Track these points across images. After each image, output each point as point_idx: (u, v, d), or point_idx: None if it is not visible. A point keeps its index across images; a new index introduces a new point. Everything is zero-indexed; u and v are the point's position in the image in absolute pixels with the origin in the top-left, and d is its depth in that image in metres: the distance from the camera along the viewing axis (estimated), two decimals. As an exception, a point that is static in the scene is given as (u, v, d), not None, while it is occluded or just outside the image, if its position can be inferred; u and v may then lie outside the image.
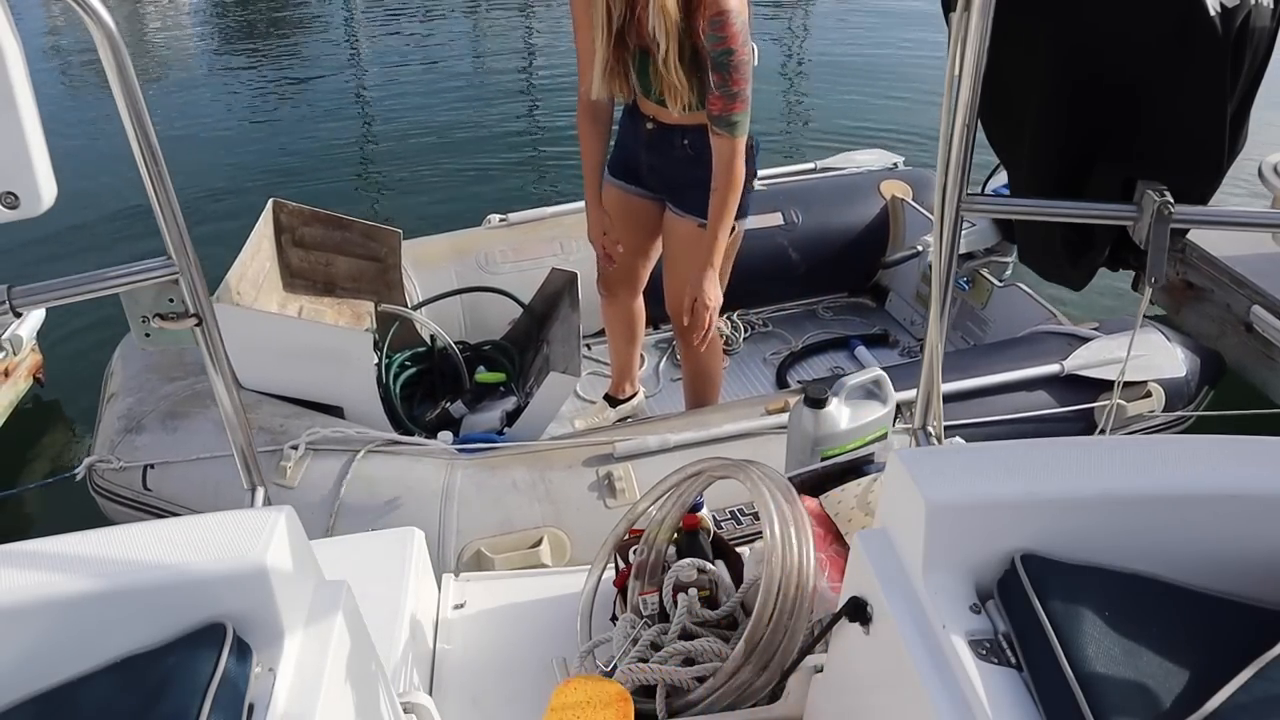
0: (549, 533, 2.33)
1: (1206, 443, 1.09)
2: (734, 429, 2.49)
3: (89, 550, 1.02)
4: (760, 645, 1.43)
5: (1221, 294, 3.23)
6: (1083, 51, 1.26)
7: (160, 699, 0.90)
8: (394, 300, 3.06)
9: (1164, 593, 0.97)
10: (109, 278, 1.18)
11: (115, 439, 2.48)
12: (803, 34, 9.05)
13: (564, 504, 2.36)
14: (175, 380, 2.61)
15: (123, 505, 2.47)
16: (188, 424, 2.47)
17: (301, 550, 1.10)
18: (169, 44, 9.09)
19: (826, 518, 1.65)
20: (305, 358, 2.55)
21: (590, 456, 2.44)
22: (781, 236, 3.52)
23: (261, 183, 5.57)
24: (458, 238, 3.41)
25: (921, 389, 1.47)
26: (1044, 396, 2.67)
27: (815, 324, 3.72)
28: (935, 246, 1.32)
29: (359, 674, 1.13)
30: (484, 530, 2.31)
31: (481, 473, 2.38)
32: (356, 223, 3.03)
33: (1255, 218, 1.51)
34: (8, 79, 0.94)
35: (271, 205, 2.91)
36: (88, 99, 7.22)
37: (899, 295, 3.74)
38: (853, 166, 3.89)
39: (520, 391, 2.94)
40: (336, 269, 3.06)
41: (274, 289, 2.91)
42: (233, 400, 1.35)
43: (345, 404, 2.63)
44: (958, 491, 1.02)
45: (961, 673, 0.93)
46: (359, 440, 2.42)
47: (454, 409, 2.86)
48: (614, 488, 2.37)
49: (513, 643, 1.79)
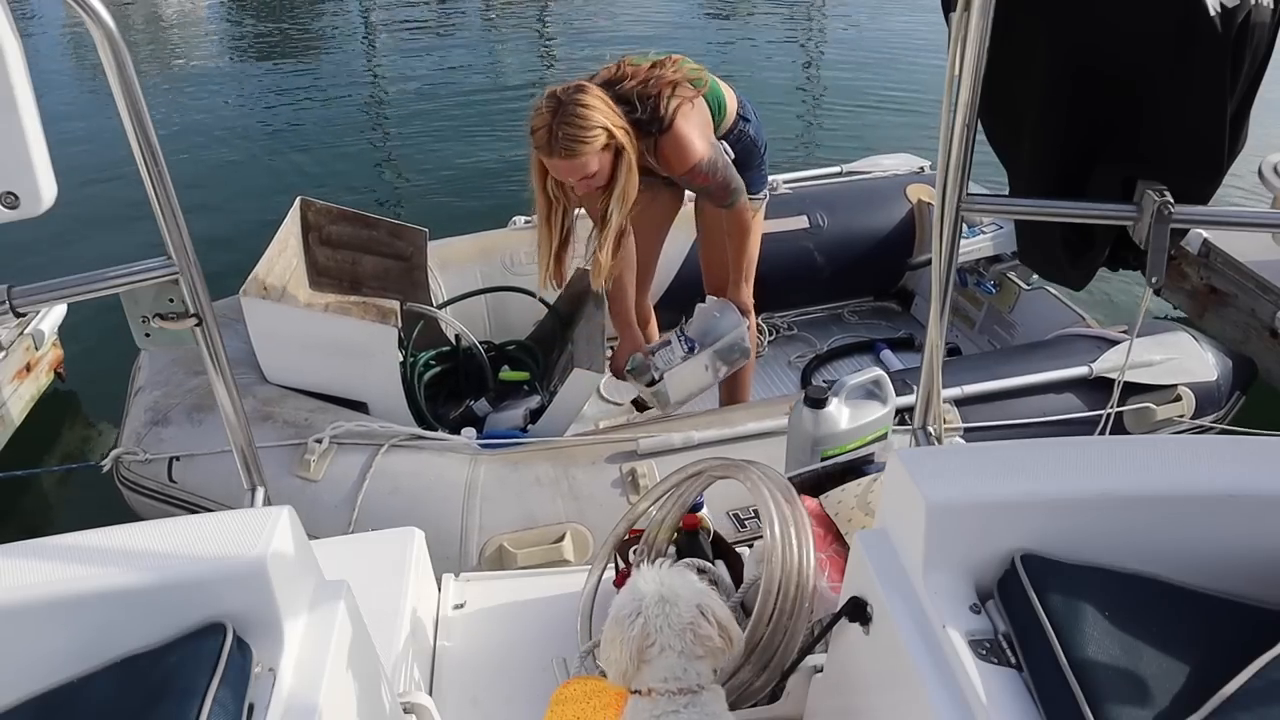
0: (571, 529, 2.33)
1: (1206, 443, 1.10)
2: (756, 428, 2.48)
3: (89, 550, 1.02)
4: (760, 645, 1.43)
5: (1246, 299, 3.21)
6: (1083, 51, 1.26)
7: (160, 699, 0.90)
8: (419, 299, 3.06)
9: (1164, 593, 0.97)
10: (109, 278, 1.18)
11: (141, 431, 2.51)
12: (830, 37, 9.05)
13: (587, 500, 2.36)
14: (201, 374, 2.60)
15: (148, 497, 2.50)
16: (213, 417, 2.46)
17: (302, 550, 1.10)
18: (189, 41, 9.13)
19: (826, 518, 1.65)
20: (330, 353, 2.57)
21: (613, 453, 2.44)
22: (807, 240, 3.51)
23: (287, 183, 5.60)
24: (483, 238, 3.42)
25: (921, 389, 1.47)
26: (1072, 399, 2.65)
27: (841, 328, 3.71)
28: (935, 246, 1.32)
29: (359, 674, 1.13)
30: (507, 526, 2.31)
31: (504, 469, 2.38)
32: (383, 221, 3.04)
33: (1255, 218, 1.51)
34: (8, 79, 0.94)
35: (299, 203, 2.92)
36: (88, 99, 7.22)
37: (925, 299, 3.72)
38: (878, 170, 3.87)
39: (544, 390, 2.94)
40: (363, 267, 3.06)
41: (300, 285, 2.91)
42: (233, 400, 1.34)
43: (370, 399, 2.65)
44: (958, 491, 1.02)
45: (961, 673, 0.93)
46: (383, 435, 2.43)
47: (478, 407, 2.87)
48: (637, 484, 2.37)
49: (513, 643, 1.79)
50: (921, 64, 7.59)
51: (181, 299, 1.22)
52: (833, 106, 7.04)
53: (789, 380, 3.44)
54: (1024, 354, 2.80)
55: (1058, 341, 2.85)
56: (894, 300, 3.82)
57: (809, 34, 8.99)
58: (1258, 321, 3.15)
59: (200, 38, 9.43)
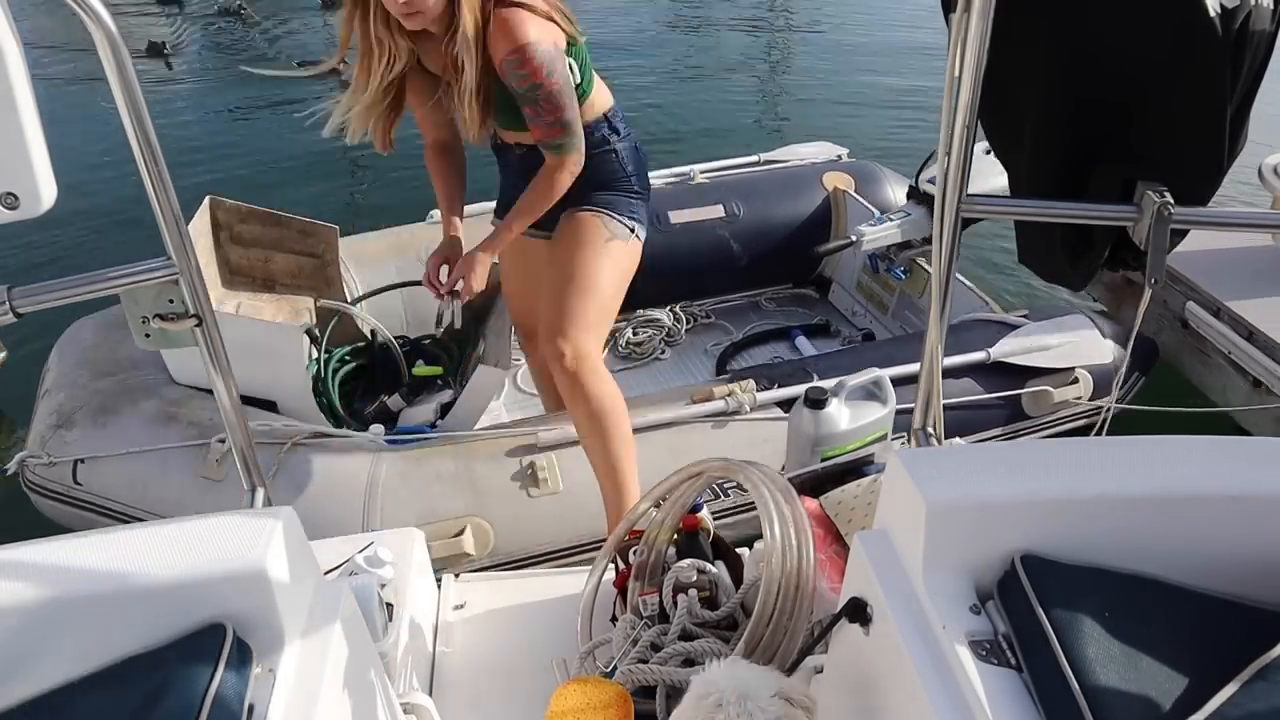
0: (472, 522, 2.35)
1: (1207, 443, 1.09)
2: (657, 418, 2.50)
3: (89, 552, 1.02)
4: (760, 646, 1.43)
5: (1159, 291, 3.27)
6: (1082, 53, 1.26)
7: (160, 700, 0.90)
8: (333, 296, 3.08)
9: (1164, 593, 0.97)
10: (109, 278, 1.17)
11: (46, 435, 2.49)
12: (759, 25, 9.09)
13: (487, 494, 2.39)
14: (108, 376, 2.62)
15: (54, 500, 2.49)
16: (118, 419, 2.48)
17: (301, 551, 1.10)
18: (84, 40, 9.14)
19: (826, 518, 1.65)
20: (238, 354, 2.55)
21: (514, 447, 2.46)
22: (723, 228, 3.53)
23: (194, 184, 5.52)
24: (399, 233, 3.42)
25: (921, 389, 1.46)
26: (970, 384, 2.71)
27: (758, 315, 3.74)
28: (935, 247, 1.32)
29: (359, 675, 1.13)
30: (407, 520, 2.31)
31: (407, 464, 2.40)
32: (294, 219, 3.05)
33: (1255, 218, 1.51)
34: (8, 79, 0.94)
35: (208, 202, 2.92)
36: (88, 99, 7.22)
37: (841, 286, 3.77)
38: (796, 159, 3.91)
39: (457, 385, 2.94)
40: (276, 265, 3.08)
41: (212, 286, 2.91)
42: (232, 401, 1.35)
43: (279, 398, 2.65)
44: (958, 492, 1.02)
45: (961, 674, 0.93)
46: (285, 434, 2.43)
47: (392, 403, 2.87)
48: (536, 477, 2.40)
49: (513, 644, 1.79)
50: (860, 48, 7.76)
51: (181, 299, 1.22)
52: (755, 95, 7.12)
53: (705, 367, 3.48)
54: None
55: (961, 327, 2.89)
56: (812, 287, 3.86)
57: (734, 25, 9.00)
58: (1170, 312, 3.21)
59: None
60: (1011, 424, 2.76)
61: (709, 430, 2.53)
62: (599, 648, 1.68)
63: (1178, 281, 3.16)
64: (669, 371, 3.45)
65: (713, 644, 1.52)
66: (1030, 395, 2.73)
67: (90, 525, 2.44)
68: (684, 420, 2.52)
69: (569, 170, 2.08)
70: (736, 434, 2.53)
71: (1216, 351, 3.03)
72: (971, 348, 2.74)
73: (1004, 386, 2.72)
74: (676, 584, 1.63)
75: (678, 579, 1.63)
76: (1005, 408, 2.73)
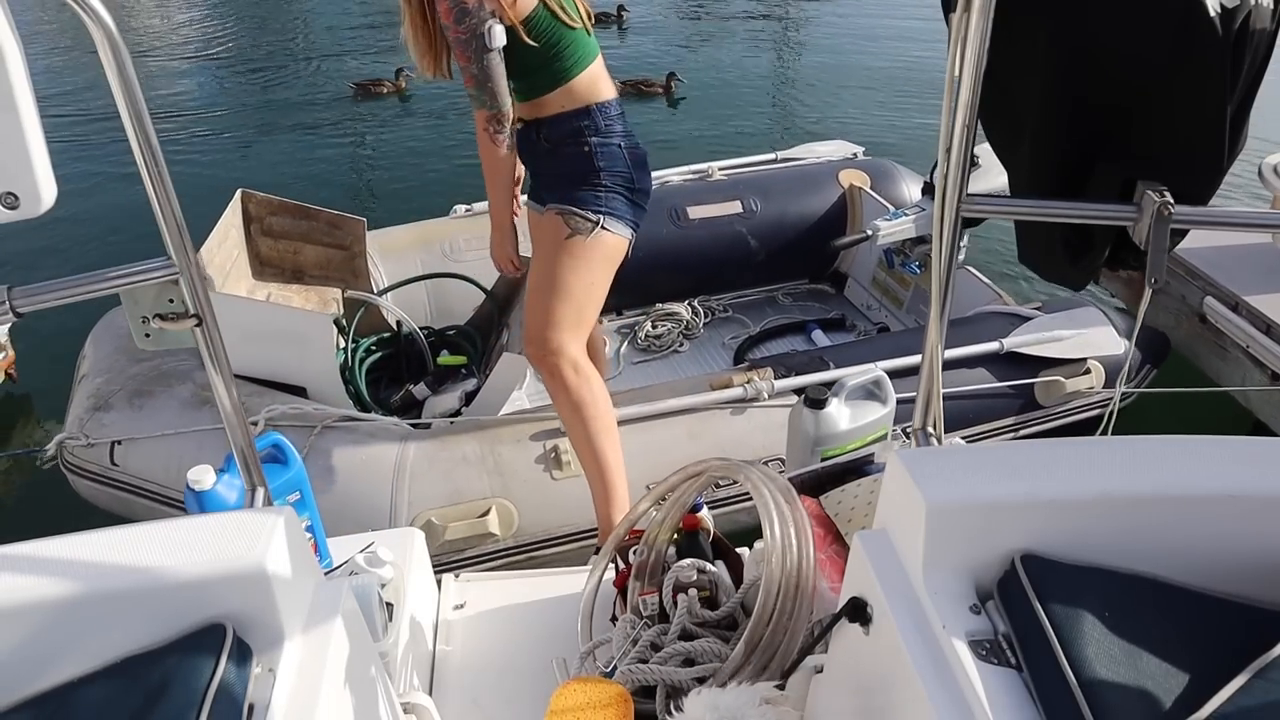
0: (497, 503, 2.40)
1: (1207, 443, 1.09)
2: (678, 404, 2.55)
3: (89, 551, 1.02)
4: (760, 646, 1.43)
5: (1176, 285, 3.30)
6: (1082, 52, 1.26)
7: (160, 700, 0.90)
8: (360, 287, 3.15)
9: (1164, 593, 0.97)
10: (109, 278, 1.17)
11: (84, 417, 2.56)
12: (774, 30, 9.15)
13: (511, 476, 2.44)
14: (143, 361, 2.69)
15: (92, 481, 2.55)
16: (153, 402, 2.55)
17: (301, 551, 1.10)
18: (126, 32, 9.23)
19: (826, 518, 1.65)
20: (269, 339, 2.63)
21: (538, 431, 2.51)
22: (741, 224, 3.59)
23: (228, 177, 5.57)
24: (424, 227, 3.50)
25: (921, 389, 1.46)
26: (984, 373, 2.75)
27: (775, 310, 3.78)
28: (935, 247, 1.32)
29: (359, 674, 1.13)
30: (434, 501, 2.38)
31: (433, 447, 2.45)
32: (323, 212, 3.12)
33: (1255, 218, 1.51)
34: (8, 79, 0.94)
35: (239, 195, 2.98)
36: (87, 97, 7.22)
37: (857, 281, 3.81)
38: (813, 157, 3.96)
39: (481, 374, 3.00)
40: (304, 257, 3.16)
41: (243, 276, 2.99)
42: (232, 400, 1.34)
43: (308, 384, 2.71)
44: (958, 492, 1.02)
45: (961, 673, 0.93)
46: (316, 417, 2.49)
47: (417, 391, 2.94)
48: (560, 460, 2.45)
49: (513, 643, 1.79)
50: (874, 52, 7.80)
51: (181, 299, 1.22)
52: (774, 94, 7.20)
53: (723, 359, 3.54)
54: None
55: (975, 319, 2.94)
56: (827, 283, 3.91)
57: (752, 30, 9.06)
58: (1187, 307, 3.24)
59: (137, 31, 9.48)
60: (1024, 413, 2.79)
61: (728, 416, 2.58)
62: (599, 647, 1.68)
63: (1195, 276, 3.18)
64: (687, 364, 3.50)
65: (713, 644, 1.52)
66: (1043, 385, 2.77)
67: (126, 506, 2.53)
68: (704, 406, 2.57)
69: (483, 128, 2.12)
70: (754, 420, 2.58)
71: (1235, 345, 3.05)
72: (985, 339, 2.77)
73: (1017, 376, 2.76)
74: (676, 584, 1.63)
75: (678, 579, 1.63)
76: (1018, 397, 2.76)
